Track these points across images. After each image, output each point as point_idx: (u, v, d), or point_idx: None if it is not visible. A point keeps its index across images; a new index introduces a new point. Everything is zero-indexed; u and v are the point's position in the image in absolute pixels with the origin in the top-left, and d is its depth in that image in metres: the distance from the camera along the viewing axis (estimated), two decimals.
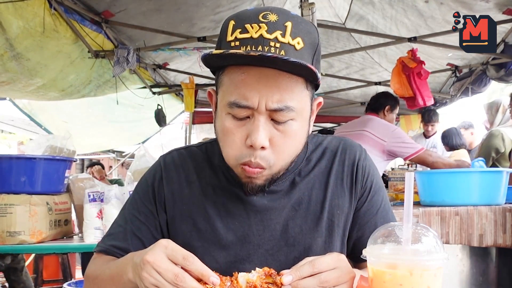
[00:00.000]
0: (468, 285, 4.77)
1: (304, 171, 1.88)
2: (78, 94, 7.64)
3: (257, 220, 1.83)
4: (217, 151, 1.88)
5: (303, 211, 1.84)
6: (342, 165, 1.90)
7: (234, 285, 1.41)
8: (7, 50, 5.40)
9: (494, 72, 7.58)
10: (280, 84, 1.54)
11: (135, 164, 5.29)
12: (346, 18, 7.82)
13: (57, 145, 4.90)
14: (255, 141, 1.55)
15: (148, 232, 1.89)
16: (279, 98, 1.54)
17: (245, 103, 1.55)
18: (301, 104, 1.61)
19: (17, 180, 4.29)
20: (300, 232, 1.83)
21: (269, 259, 1.82)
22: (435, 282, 1.33)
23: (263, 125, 1.56)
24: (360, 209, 1.89)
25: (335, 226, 1.85)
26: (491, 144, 6.52)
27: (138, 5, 6.14)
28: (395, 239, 1.38)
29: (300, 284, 1.41)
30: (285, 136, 1.61)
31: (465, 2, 6.01)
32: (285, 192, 1.85)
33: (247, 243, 1.82)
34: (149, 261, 1.39)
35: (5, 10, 4.93)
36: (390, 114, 6.39)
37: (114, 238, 1.91)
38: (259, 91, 1.54)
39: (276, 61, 1.47)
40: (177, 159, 1.98)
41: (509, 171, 4.86)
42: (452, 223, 4.53)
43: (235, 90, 1.57)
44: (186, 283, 1.36)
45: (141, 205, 1.92)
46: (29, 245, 4.18)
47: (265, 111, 1.56)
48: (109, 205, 4.34)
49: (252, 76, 1.55)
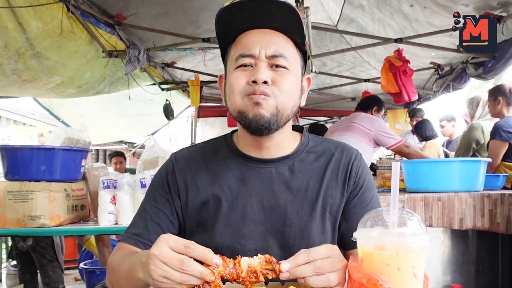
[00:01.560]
0: (449, 265, 4.78)
1: (304, 162, 1.96)
2: (93, 90, 7.65)
3: (258, 202, 1.88)
4: (222, 143, 2.03)
5: (301, 197, 1.90)
6: (339, 163, 1.97)
7: (236, 268, 1.41)
8: (27, 49, 5.41)
9: (473, 70, 7.58)
10: (275, 39, 1.78)
11: (145, 154, 5.29)
12: (338, 21, 7.79)
13: (74, 137, 4.90)
14: (258, 76, 1.71)
15: (165, 217, 1.94)
16: (275, 49, 1.76)
17: (249, 52, 1.75)
18: (292, 59, 1.81)
19: (37, 169, 4.30)
20: (297, 215, 1.87)
21: (268, 236, 1.87)
22: (419, 262, 1.34)
23: (264, 67, 1.75)
24: (351, 201, 1.95)
25: (327, 213, 1.92)
26: (472, 136, 6.52)
27: (148, 9, 6.13)
28: (382, 223, 1.39)
29: (297, 271, 1.42)
30: (282, 78, 1.76)
31: (446, 6, 6.00)
32: (285, 178, 1.91)
33: (250, 221, 1.87)
34: (155, 254, 1.40)
35: (25, 13, 4.92)
36: (376, 114, 6.72)
37: (135, 227, 1.95)
38: (259, 43, 1.76)
39: (271, 5, 1.70)
40: (187, 154, 2.06)
41: (487, 160, 4.88)
42: (434, 208, 4.54)
43: (241, 47, 1.79)
44: (192, 267, 1.37)
45: (157, 195, 1.98)
46: (48, 228, 4.21)
47: (265, 59, 1.75)
48: (122, 191, 4.38)
49: (253, 34, 1.79)
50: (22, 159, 4.34)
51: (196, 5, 6.26)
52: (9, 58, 5.41)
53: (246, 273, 1.42)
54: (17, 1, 4.77)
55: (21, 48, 5.36)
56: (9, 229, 4.22)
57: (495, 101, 5.92)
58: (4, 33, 5.00)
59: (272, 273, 1.42)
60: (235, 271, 1.41)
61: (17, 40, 5.20)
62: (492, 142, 5.71)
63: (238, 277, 1.41)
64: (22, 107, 18.37)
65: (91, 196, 4.85)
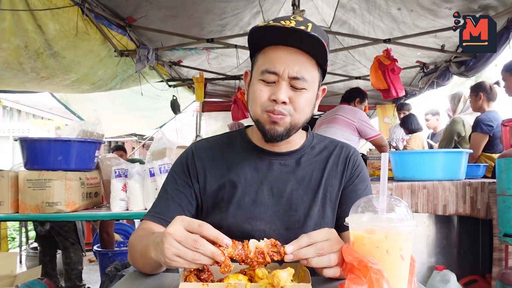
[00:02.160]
0: (434, 247, 4.79)
1: (308, 155, 2.05)
2: (106, 87, 7.65)
3: (268, 188, 1.95)
4: (238, 136, 2.11)
5: (305, 185, 1.97)
6: (338, 156, 2.06)
7: (244, 249, 1.41)
8: (45, 49, 5.43)
9: (456, 69, 7.59)
10: (300, 60, 1.78)
11: (154, 146, 5.30)
12: (331, 23, 7.78)
13: (88, 130, 4.91)
14: (278, 96, 1.76)
15: (185, 198, 1.98)
16: (298, 70, 1.77)
17: (274, 70, 1.77)
18: (312, 79, 1.84)
19: (55, 159, 4.31)
20: (301, 201, 1.94)
21: (276, 219, 1.92)
22: (406, 244, 1.34)
23: (285, 87, 1.78)
24: (346, 188, 2.02)
25: (327, 200, 1.98)
26: (453, 129, 6.52)
27: (157, 12, 6.13)
28: (372, 209, 1.40)
29: (300, 252, 1.43)
30: (300, 98, 1.81)
31: (431, 10, 5.99)
32: (292, 169, 1.99)
33: (259, 204, 1.93)
34: (170, 233, 1.39)
35: (44, 16, 4.94)
36: (359, 105, 6.80)
37: (157, 206, 1.99)
38: (284, 63, 1.77)
39: (303, 34, 1.69)
40: (205, 143, 2.12)
41: (468, 151, 4.89)
42: (420, 195, 4.55)
43: (267, 62, 1.80)
44: (204, 246, 1.36)
45: (178, 179, 2.03)
46: (64, 213, 4.23)
47: (287, 78, 1.78)
48: (132, 180, 4.40)
49: (281, 52, 1.79)
50: (40, 150, 4.35)
51: (201, 8, 6.26)
52: (29, 58, 5.44)
53: (254, 254, 1.42)
54: (36, 5, 4.78)
55: (40, 48, 5.38)
56: (28, 214, 4.26)
57: (477, 97, 5.92)
58: (24, 34, 5.02)
59: (277, 255, 1.43)
60: (243, 252, 1.41)
61: (36, 41, 5.23)
62: (473, 134, 5.72)
63: (246, 257, 1.41)
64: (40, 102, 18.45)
65: (104, 184, 4.88)
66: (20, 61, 5.44)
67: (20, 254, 8.47)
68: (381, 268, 1.29)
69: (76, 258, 6.02)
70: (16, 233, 10.46)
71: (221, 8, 6.36)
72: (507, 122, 4.53)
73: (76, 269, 6.02)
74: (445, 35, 6.80)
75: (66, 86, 6.95)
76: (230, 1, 6.23)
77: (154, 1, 5.82)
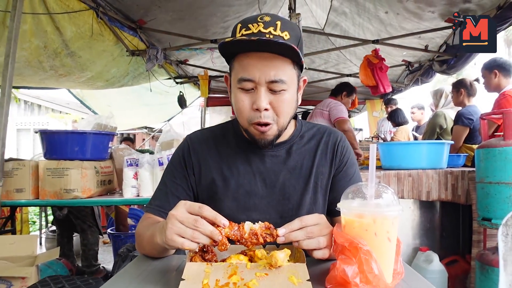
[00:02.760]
0: (418, 230, 4.80)
1: (298, 144, 1.98)
2: (119, 84, 7.66)
3: (261, 179, 1.91)
4: (230, 128, 2.05)
5: (296, 174, 1.93)
6: (327, 144, 1.99)
7: (240, 230, 1.42)
8: (63, 49, 5.46)
9: (438, 67, 7.59)
10: (274, 63, 1.67)
11: (162, 137, 5.32)
12: (324, 25, 7.78)
13: (102, 123, 4.93)
14: (259, 105, 1.68)
15: (183, 190, 1.96)
16: (274, 73, 1.66)
17: (249, 77, 1.67)
18: (290, 78, 1.72)
19: (72, 150, 4.33)
20: (293, 190, 1.90)
21: (270, 209, 1.89)
22: (393, 228, 1.34)
23: (264, 94, 1.69)
24: (337, 175, 1.97)
25: (318, 187, 1.94)
26: (436, 122, 6.52)
27: (165, 15, 6.13)
28: (362, 195, 1.40)
29: (291, 235, 1.43)
30: (280, 101, 1.72)
31: (416, 13, 5.99)
32: (283, 159, 1.94)
33: (253, 195, 1.90)
34: (173, 214, 1.41)
35: (61, 18, 4.96)
36: (346, 98, 6.80)
37: (157, 199, 1.97)
38: (259, 69, 1.66)
39: (270, 43, 1.59)
40: (200, 136, 2.07)
41: (450, 142, 4.90)
42: (406, 183, 4.55)
43: (242, 70, 1.70)
44: (204, 226, 1.37)
45: (175, 172, 2.00)
46: (81, 199, 4.26)
47: (264, 83, 1.68)
48: (143, 168, 4.42)
49: (253, 58, 1.67)
50: (59, 141, 4.37)
51: (205, 12, 6.26)
52: (48, 57, 5.47)
53: (248, 235, 1.42)
54: (54, 9, 4.80)
55: (58, 48, 5.41)
56: (47, 200, 4.30)
57: (458, 92, 5.92)
58: (44, 36, 5.05)
59: (270, 237, 1.43)
60: (239, 233, 1.42)
61: (55, 42, 5.25)
62: (455, 127, 5.72)
63: (241, 238, 1.42)
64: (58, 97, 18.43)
65: (117, 172, 4.89)
66: (40, 60, 5.48)
67: (40, 237, 8.47)
68: (370, 249, 1.29)
69: (93, 239, 6.05)
70: (36, 217, 10.46)
71: (224, 12, 6.36)
72: (485, 116, 4.53)
73: (92, 249, 6.04)
74: (428, 36, 6.81)
75: (82, 83, 6.97)
76: (232, 6, 6.23)
77: (163, 5, 5.82)
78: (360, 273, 1.29)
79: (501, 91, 5.16)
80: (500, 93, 5.15)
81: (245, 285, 1.24)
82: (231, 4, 6.20)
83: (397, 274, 1.39)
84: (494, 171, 3.79)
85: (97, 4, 5.34)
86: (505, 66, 5.20)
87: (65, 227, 6.17)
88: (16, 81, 6.05)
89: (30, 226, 9.45)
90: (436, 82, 12.38)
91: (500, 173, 3.74)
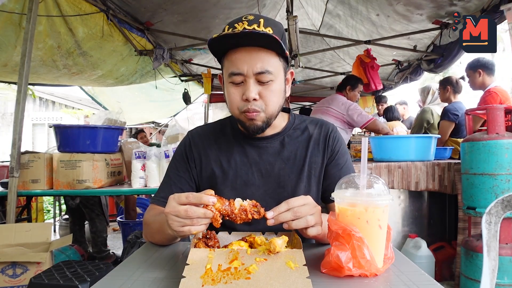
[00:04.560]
0: (407, 218, 4.80)
1: (291, 136, 1.98)
2: (127, 81, 7.66)
3: (258, 170, 1.91)
4: (228, 124, 2.05)
5: (291, 164, 1.92)
6: (319, 135, 1.99)
7: (231, 206, 1.42)
8: (76, 49, 5.48)
9: (426, 66, 7.59)
10: (260, 56, 1.68)
11: (168, 132, 5.33)
12: (320, 27, 7.77)
13: (113, 118, 4.94)
14: (248, 95, 1.69)
15: (186, 182, 1.97)
16: (261, 65, 1.67)
17: (238, 71, 1.69)
18: (276, 69, 1.73)
19: (83, 143, 4.35)
20: (288, 179, 1.90)
21: (267, 197, 1.88)
22: (383, 216, 1.34)
23: (252, 85, 1.70)
24: (329, 164, 1.96)
25: (312, 176, 1.93)
26: (423, 117, 6.53)
27: (171, 17, 6.13)
28: (354, 185, 1.40)
29: (279, 217, 1.42)
30: (268, 91, 1.73)
31: (405, 15, 5.99)
32: (277, 150, 1.94)
33: (251, 185, 1.90)
34: (167, 212, 1.42)
35: (74, 20, 4.98)
36: (351, 92, 6.22)
37: (163, 191, 1.97)
38: (246, 62, 1.68)
39: (253, 34, 1.61)
40: (200, 131, 2.07)
41: (437, 136, 4.90)
42: (396, 174, 4.56)
43: (231, 65, 1.71)
44: (195, 212, 1.37)
45: (178, 165, 2.01)
46: (92, 189, 4.29)
47: (253, 75, 1.68)
48: (150, 161, 4.44)
49: (241, 53, 1.69)
50: (71, 135, 4.38)
51: (208, 14, 6.25)
52: (61, 56, 5.48)
53: (239, 210, 1.42)
54: (67, 11, 4.81)
55: (71, 48, 5.43)
56: (61, 190, 4.32)
57: (445, 89, 5.92)
58: (58, 36, 5.06)
59: (257, 214, 1.43)
60: (229, 208, 1.42)
61: (68, 42, 5.26)
62: (442, 122, 5.72)
63: (232, 213, 1.42)
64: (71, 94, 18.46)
65: (126, 164, 4.91)
66: (54, 59, 5.49)
67: (54, 224, 8.48)
68: (362, 236, 1.29)
69: (101, 227, 6.06)
70: (50, 206, 10.48)
71: (226, 14, 6.35)
72: (470, 112, 4.52)
73: (101, 236, 6.05)
74: (417, 37, 6.82)
75: (93, 80, 6.99)
76: (233, 8, 6.21)
77: (169, 8, 5.82)
78: (353, 258, 1.30)
79: (486, 89, 5.16)
80: (486, 90, 5.15)
81: (246, 269, 1.24)
82: (232, 7, 6.19)
83: (387, 259, 1.39)
84: (478, 163, 3.79)
85: (108, 7, 5.36)
86: (488, 66, 5.20)
87: (77, 215, 6.18)
88: (32, 78, 6.06)
89: (44, 214, 9.48)
90: (424, 80, 12.37)
91: (483, 165, 3.75)
